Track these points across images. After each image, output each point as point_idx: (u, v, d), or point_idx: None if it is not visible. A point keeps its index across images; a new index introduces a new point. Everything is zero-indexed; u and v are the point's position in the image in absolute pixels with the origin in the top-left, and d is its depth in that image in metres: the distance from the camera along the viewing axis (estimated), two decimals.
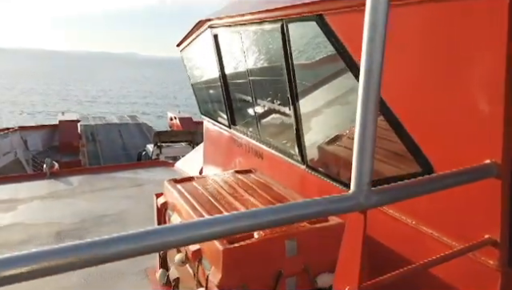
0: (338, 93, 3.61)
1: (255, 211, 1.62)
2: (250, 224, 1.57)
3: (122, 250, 1.41)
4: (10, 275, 1.11)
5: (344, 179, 3.69)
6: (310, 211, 1.67)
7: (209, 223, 1.51)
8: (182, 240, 1.50)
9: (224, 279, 2.68)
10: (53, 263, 1.20)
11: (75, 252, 1.27)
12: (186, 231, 1.48)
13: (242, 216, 1.58)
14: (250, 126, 5.65)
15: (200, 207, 3.39)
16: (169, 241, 1.44)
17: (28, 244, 5.05)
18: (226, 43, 5.55)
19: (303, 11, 3.54)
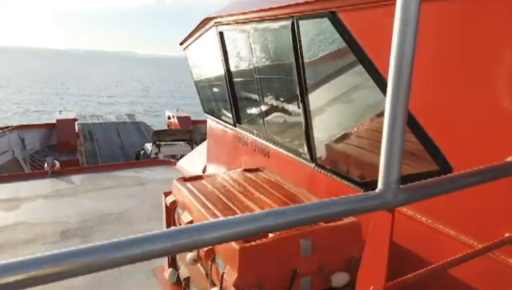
0: (350, 90, 3.58)
1: (282, 210, 1.59)
2: (276, 223, 1.54)
3: (145, 251, 1.36)
4: (17, 281, 1.07)
5: (355, 177, 3.67)
6: (336, 210, 1.64)
7: (232, 222, 1.48)
8: (209, 240, 1.46)
9: (240, 279, 2.65)
10: (65, 267, 1.15)
11: (92, 255, 1.22)
12: (213, 230, 1.45)
13: (267, 215, 1.55)
14: (256, 125, 5.62)
15: (212, 205, 3.36)
16: (193, 241, 1.41)
17: (33, 244, 5.01)
18: (233, 41, 5.51)
19: (315, 8, 3.52)
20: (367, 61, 3.02)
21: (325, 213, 1.62)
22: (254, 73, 5.00)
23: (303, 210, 1.58)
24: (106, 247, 1.29)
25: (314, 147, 4.16)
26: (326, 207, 1.63)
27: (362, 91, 3.41)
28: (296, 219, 1.56)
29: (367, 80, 3.09)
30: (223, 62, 5.82)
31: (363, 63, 3.07)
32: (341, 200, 1.67)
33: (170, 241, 1.41)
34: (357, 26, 3.12)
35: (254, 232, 1.54)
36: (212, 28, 5.82)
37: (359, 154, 3.63)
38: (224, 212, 3.22)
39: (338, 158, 3.96)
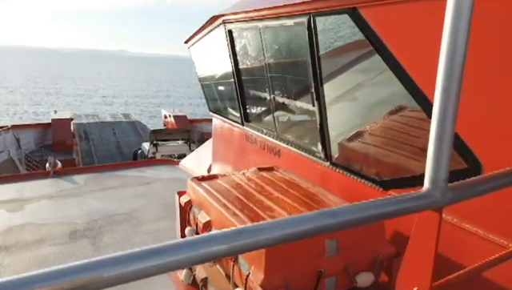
0: (370, 87, 3.54)
1: (334, 211, 1.54)
2: (328, 224, 1.50)
3: (197, 254, 1.30)
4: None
5: (374, 176, 3.63)
6: (387, 210, 1.59)
7: (284, 224, 1.44)
8: (251, 245, 1.41)
9: (267, 280, 2.61)
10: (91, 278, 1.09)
11: (133, 262, 1.15)
12: (268, 232, 1.40)
13: (319, 216, 1.51)
14: (266, 123, 5.57)
15: (232, 205, 3.31)
16: (250, 242, 1.36)
17: (42, 245, 4.93)
18: (242, 39, 5.46)
19: (334, 4, 3.47)
20: (390, 57, 2.98)
21: (375, 214, 1.58)
22: (265, 71, 4.95)
23: (355, 211, 1.54)
24: (156, 251, 1.24)
25: (330, 145, 4.12)
26: (376, 207, 1.59)
27: (382, 88, 3.38)
28: (347, 220, 1.52)
29: (389, 76, 3.06)
30: (231, 61, 5.76)
31: (386, 60, 3.03)
32: (389, 200, 1.63)
33: (226, 242, 1.36)
34: (379, 22, 3.08)
35: (307, 234, 1.49)
36: (220, 26, 5.76)
37: (378, 152, 3.59)
38: (245, 212, 3.17)
39: (355, 156, 3.92)
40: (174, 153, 22.30)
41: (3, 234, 5.25)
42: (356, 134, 3.82)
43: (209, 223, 3.46)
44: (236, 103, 6.12)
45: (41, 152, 27.01)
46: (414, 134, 3.22)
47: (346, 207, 1.57)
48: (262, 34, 4.75)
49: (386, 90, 3.34)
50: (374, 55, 3.14)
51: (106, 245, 4.93)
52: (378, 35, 3.07)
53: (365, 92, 3.63)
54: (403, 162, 3.34)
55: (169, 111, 36.31)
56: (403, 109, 3.31)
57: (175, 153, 22.32)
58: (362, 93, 3.68)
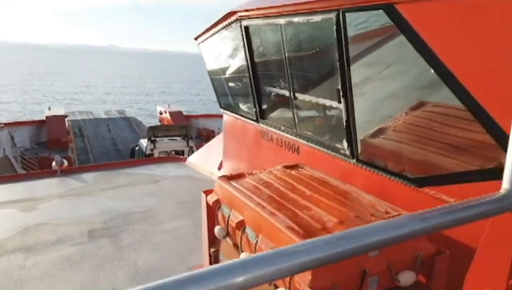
0: (406, 85, 3.52)
1: (423, 215, 1.53)
2: (420, 229, 1.49)
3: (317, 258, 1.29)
4: None
5: (406, 173, 3.62)
6: (472, 213, 1.58)
7: (376, 230, 1.42)
8: (352, 251, 1.39)
9: (315, 280, 2.58)
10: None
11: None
12: (355, 240, 1.38)
13: (411, 220, 1.50)
14: (284, 120, 5.54)
15: (266, 204, 3.28)
16: (353, 248, 1.34)
17: (63, 245, 4.87)
18: (260, 35, 5.40)
19: (367, 0, 3.44)
20: (430, 54, 2.96)
21: (462, 217, 1.56)
22: (286, 67, 4.90)
23: (443, 214, 1.53)
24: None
25: (356, 142, 4.10)
26: (461, 210, 1.58)
27: (419, 85, 3.36)
28: (437, 224, 1.51)
29: (428, 73, 3.04)
30: (247, 57, 5.71)
31: (426, 57, 3.00)
32: (472, 203, 1.62)
33: (326, 251, 1.34)
34: (418, 18, 3.05)
35: (401, 239, 1.47)
36: (235, 22, 5.69)
37: (412, 149, 3.58)
38: (283, 212, 3.14)
39: (385, 154, 3.90)
40: (173, 149, 22.23)
41: (21, 234, 5.18)
42: (387, 132, 3.80)
43: (242, 222, 3.42)
44: (251, 100, 6.07)
45: (36, 150, 26.78)
46: (452, 131, 3.20)
47: (435, 210, 1.56)
48: (283, 30, 4.70)
49: (423, 87, 3.32)
50: (412, 52, 3.11)
51: (128, 244, 4.88)
52: (416, 32, 3.04)
53: (398, 89, 3.61)
54: (440, 159, 3.33)
55: (164, 107, 36.18)
56: (440, 106, 3.30)
57: (173, 149, 22.24)
58: (395, 90, 3.65)
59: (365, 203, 3.31)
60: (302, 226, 2.91)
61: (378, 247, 1.46)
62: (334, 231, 2.84)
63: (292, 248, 1.32)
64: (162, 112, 34.93)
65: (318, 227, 2.89)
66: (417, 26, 3.05)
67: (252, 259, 1.30)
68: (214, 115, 38.28)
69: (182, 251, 4.70)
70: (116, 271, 4.21)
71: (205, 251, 4.22)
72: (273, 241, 3.00)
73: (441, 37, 2.94)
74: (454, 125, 3.17)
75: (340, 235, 1.36)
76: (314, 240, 1.34)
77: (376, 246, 1.43)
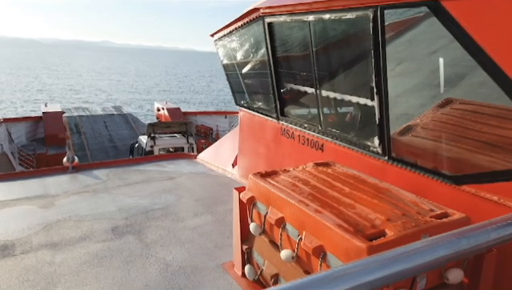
0: (448, 83, 3.53)
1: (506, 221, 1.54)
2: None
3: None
4: None
5: (444, 170, 3.63)
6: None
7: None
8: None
9: None
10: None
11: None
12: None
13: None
14: (307, 118, 5.53)
15: (309, 201, 3.28)
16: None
17: (88, 241, 4.83)
18: (285, 32, 5.38)
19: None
20: (479, 52, 2.96)
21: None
22: (312, 64, 4.89)
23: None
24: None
25: (389, 140, 4.11)
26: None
27: (464, 83, 3.36)
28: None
29: (475, 70, 3.04)
30: (269, 54, 5.68)
31: (474, 54, 3.00)
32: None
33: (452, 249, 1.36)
34: (466, 14, 3.04)
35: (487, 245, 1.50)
36: (258, 19, 5.67)
37: (451, 147, 3.58)
38: (328, 209, 3.14)
39: (421, 151, 3.91)
40: (173, 146, 22.15)
41: (44, 231, 5.13)
42: (422, 129, 3.81)
43: (282, 219, 3.42)
44: (271, 97, 6.06)
45: (33, 146, 26.57)
46: (494, 130, 3.21)
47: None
48: (312, 27, 4.69)
49: (470, 84, 3.32)
50: (458, 49, 3.11)
51: (153, 241, 4.85)
52: (464, 28, 3.04)
53: (440, 87, 3.61)
54: (481, 157, 3.34)
55: (162, 104, 36.02)
56: (481, 104, 3.31)
57: (173, 146, 22.17)
58: (434, 88, 3.65)
59: (407, 200, 3.32)
60: (350, 223, 2.91)
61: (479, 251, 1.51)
62: (382, 228, 2.84)
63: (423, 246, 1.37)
64: (159, 109, 34.77)
65: (367, 225, 2.90)
66: (464, 23, 3.04)
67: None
68: (212, 112, 38.22)
69: (209, 247, 4.68)
70: (146, 267, 4.18)
71: (236, 248, 4.21)
72: (319, 238, 3.00)
73: (490, 33, 2.94)
74: (497, 123, 3.19)
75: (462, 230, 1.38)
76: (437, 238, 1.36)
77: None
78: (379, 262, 1.51)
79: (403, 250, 1.58)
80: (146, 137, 22.10)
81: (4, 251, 4.60)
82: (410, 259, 1.52)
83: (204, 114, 34.78)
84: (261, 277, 3.86)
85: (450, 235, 1.76)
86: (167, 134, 22.91)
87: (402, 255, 1.54)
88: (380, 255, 1.55)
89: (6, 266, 4.30)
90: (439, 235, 1.75)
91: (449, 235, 1.77)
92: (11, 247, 4.71)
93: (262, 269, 3.79)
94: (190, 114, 34.64)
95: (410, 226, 2.85)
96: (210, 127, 32.21)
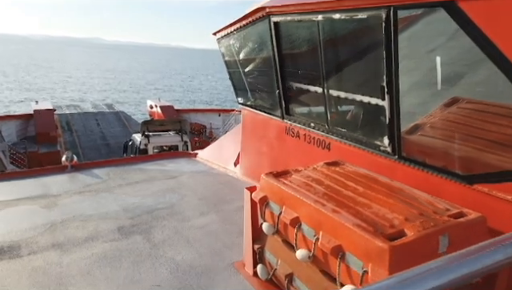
0: (462, 83, 3.55)
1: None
2: None
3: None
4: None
5: (457, 170, 3.66)
6: None
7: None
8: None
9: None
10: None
11: None
12: None
13: None
14: (314, 117, 5.54)
15: (325, 201, 3.29)
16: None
17: (95, 241, 4.78)
18: (292, 31, 5.38)
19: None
20: (496, 53, 2.98)
21: None
22: (320, 64, 4.89)
23: None
24: None
25: (400, 139, 4.13)
26: None
27: (476, 83, 3.39)
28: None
29: (495, 72, 3.06)
30: (274, 53, 5.67)
31: (491, 55, 3.03)
32: None
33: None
34: (483, 15, 3.05)
35: None
36: (263, 18, 5.65)
37: (464, 146, 3.61)
38: (344, 209, 3.15)
39: (432, 150, 3.93)
40: (167, 144, 22.03)
41: (49, 231, 5.07)
42: (434, 128, 3.84)
43: (297, 219, 3.42)
44: (275, 96, 6.05)
45: (24, 144, 26.24)
46: (507, 129, 3.23)
47: None
48: (321, 27, 4.69)
49: (487, 86, 3.34)
50: (478, 51, 3.12)
51: (161, 241, 4.82)
52: (481, 30, 3.06)
53: (453, 87, 3.63)
54: (495, 156, 3.37)
55: (155, 101, 35.77)
56: (496, 104, 3.34)
57: (167, 144, 22.04)
58: (449, 87, 3.68)
59: (421, 200, 3.34)
60: (369, 223, 2.92)
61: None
62: (401, 228, 2.86)
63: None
64: (152, 106, 34.51)
65: (386, 225, 2.91)
66: (481, 24, 3.06)
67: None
68: (205, 110, 38.06)
69: (217, 247, 4.67)
70: (156, 267, 4.16)
71: (247, 247, 4.21)
72: (337, 238, 3.01)
73: (507, 34, 2.96)
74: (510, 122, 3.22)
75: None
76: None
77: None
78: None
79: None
80: (139, 135, 21.94)
81: (11, 253, 4.55)
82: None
83: (197, 112, 34.63)
84: (273, 277, 3.86)
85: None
86: (161, 132, 22.77)
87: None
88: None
89: (14, 267, 4.25)
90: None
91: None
92: (17, 248, 4.66)
93: (275, 269, 3.79)
94: (183, 112, 34.45)
95: (428, 226, 2.87)
96: (203, 125, 32.09)
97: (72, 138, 30.22)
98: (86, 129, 32.74)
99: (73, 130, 32.02)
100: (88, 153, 27.01)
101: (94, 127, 33.47)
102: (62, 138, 29.52)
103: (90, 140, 30.30)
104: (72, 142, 29.38)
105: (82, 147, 28.84)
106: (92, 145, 29.31)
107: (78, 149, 28.25)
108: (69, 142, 29.26)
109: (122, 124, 34.54)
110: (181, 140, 22.18)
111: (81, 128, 32.63)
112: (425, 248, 2.78)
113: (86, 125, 33.60)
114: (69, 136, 30.56)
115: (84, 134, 31.64)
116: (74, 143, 29.28)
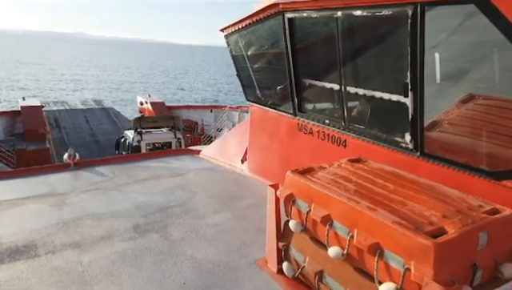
0: (492, 79, 3.57)
1: None
2: None
3: None
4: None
5: (484, 166, 3.68)
6: None
7: None
8: None
9: (437, 274, 2.60)
10: None
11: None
12: None
13: None
14: (328, 113, 5.53)
15: (359, 199, 3.28)
16: None
17: (112, 240, 4.71)
18: (308, 27, 5.34)
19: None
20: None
21: None
22: (338, 60, 4.87)
23: None
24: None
25: (423, 136, 4.14)
26: None
27: (509, 80, 3.41)
28: None
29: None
30: (288, 50, 5.64)
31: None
32: None
33: None
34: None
35: None
36: (277, 14, 5.60)
37: (490, 143, 3.64)
38: (380, 206, 3.14)
39: (458, 147, 3.95)
40: (160, 141, 21.84)
41: (63, 230, 4.97)
42: (459, 125, 3.86)
43: (328, 216, 3.40)
44: (287, 93, 6.03)
45: (12, 141, 25.73)
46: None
47: None
48: (340, 23, 4.67)
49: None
50: (508, 46, 3.14)
51: (179, 239, 4.77)
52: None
53: (480, 83, 3.65)
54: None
55: (145, 98, 35.39)
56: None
57: (160, 141, 21.86)
58: (475, 84, 3.70)
59: (453, 196, 3.35)
60: (408, 221, 2.92)
61: None
62: (441, 225, 2.87)
63: None
64: (142, 102, 34.14)
65: (425, 222, 2.91)
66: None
67: None
68: (197, 106, 37.83)
69: (236, 244, 4.63)
70: (178, 266, 4.12)
71: (271, 245, 4.18)
72: (375, 236, 3.00)
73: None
74: None
75: None
76: None
77: None
78: None
79: None
80: (132, 132, 21.69)
81: (28, 252, 4.44)
82: None
83: (189, 109, 34.38)
84: (300, 274, 3.85)
85: None
86: (154, 129, 22.56)
87: None
88: None
89: (33, 267, 4.16)
90: None
91: None
92: (34, 247, 4.55)
93: (303, 266, 3.77)
94: (174, 108, 34.16)
95: (467, 223, 2.88)
96: (195, 121, 31.90)
97: (61, 135, 29.73)
98: (74, 126, 32.26)
99: (61, 126, 31.51)
100: (78, 150, 26.43)
101: (83, 124, 33.00)
102: (51, 136, 29.03)
103: (79, 137, 29.85)
104: (61, 140, 28.92)
105: (71, 144, 28.31)
106: (81, 142, 28.86)
107: (66, 146, 27.82)
108: (57, 140, 28.80)
109: (111, 121, 34.12)
110: (174, 137, 22.01)
111: (69, 125, 32.13)
112: (466, 245, 2.79)
113: (75, 122, 33.11)
114: (57, 133, 30.06)
115: (73, 131, 31.17)
116: (63, 140, 28.82)
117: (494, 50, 3.41)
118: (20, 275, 4.03)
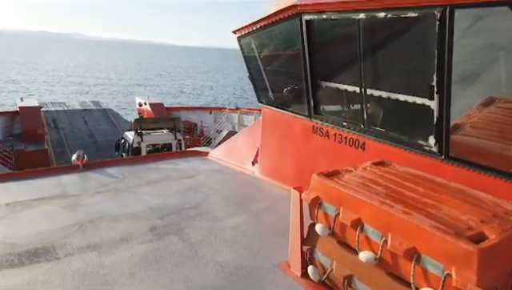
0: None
1: None
2: None
3: None
4: None
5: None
6: None
7: None
8: None
9: (481, 280, 2.55)
10: None
11: None
12: None
13: None
14: (346, 116, 5.50)
15: (392, 202, 3.23)
16: None
17: (130, 242, 4.64)
18: (327, 29, 5.31)
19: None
20: None
21: None
22: (360, 63, 4.84)
23: None
24: None
25: (448, 139, 4.11)
26: None
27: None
28: None
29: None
30: (304, 52, 5.60)
31: None
32: None
33: None
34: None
35: None
36: (295, 16, 5.56)
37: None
38: (414, 210, 3.10)
39: (485, 150, 3.92)
40: (160, 142, 21.74)
41: (80, 232, 4.89)
42: (489, 129, 3.83)
43: (358, 220, 3.35)
44: (302, 95, 5.98)
45: (11, 142, 25.53)
46: None
47: None
48: (362, 25, 4.63)
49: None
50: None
51: (198, 242, 4.71)
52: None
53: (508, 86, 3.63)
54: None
55: (144, 99, 35.25)
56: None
57: (160, 142, 21.76)
58: (506, 86, 3.67)
59: (486, 200, 3.31)
60: (447, 225, 2.88)
61: None
62: (480, 230, 2.82)
63: None
64: (141, 104, 33.96)
65: (463, 227, 2.87)
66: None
67: None
68: (196, 108, 37.73)
69: (257, 247, 4.58)
70: (201, 268, 4.06)
71: (294, 248, 4.13)
72: (411, 241, 2.95)
73: None
74: None
75: None
76: None
77: None
78: None
79: None
80: (132, 133, 21.57)
81: (46, 255, 4.36)
82: None
83: (188, 110, 34.27)
84: (327, 279, 3.79)
85: None
86: (154, 131, 22.46)
87: None
88: None
89: (55, 269, 4.08)
90: None
91: None
92: (52, 249, 4.47)
93: (330, 270, 3.72)
94: (173, 110, 34.06)
95: (506, 227, 2.84)
96: (194, 123, 31.81)
97: (59, 136, 29.56)
98: (72, 127, 32.09)
99: (59, 127, 31.33)
100: (76, 151, 26.37)
101: (82, 125, 32.83)
102: (49, 136, 28.85)
103: (77, 138, 29.67)
104: (59, 141, 28.75)
105: (70, 145, 28.19)
106: (80, 143, 28.66)
107: (65, 147, 27.63)
108: (55, 140, 28.63)
109: (110, 122, 33.97)
110: (174, 138, 21.91)
111: (67, 126, 31.96)
112: (507, 250, 2.75)
113: (73, 122, 32.93)
114: (55, 134, 29.88)
115: (71, 132, 30.99)
116: (61, 141, 28.65)
117: None
118: (42, 277, 3.95)
